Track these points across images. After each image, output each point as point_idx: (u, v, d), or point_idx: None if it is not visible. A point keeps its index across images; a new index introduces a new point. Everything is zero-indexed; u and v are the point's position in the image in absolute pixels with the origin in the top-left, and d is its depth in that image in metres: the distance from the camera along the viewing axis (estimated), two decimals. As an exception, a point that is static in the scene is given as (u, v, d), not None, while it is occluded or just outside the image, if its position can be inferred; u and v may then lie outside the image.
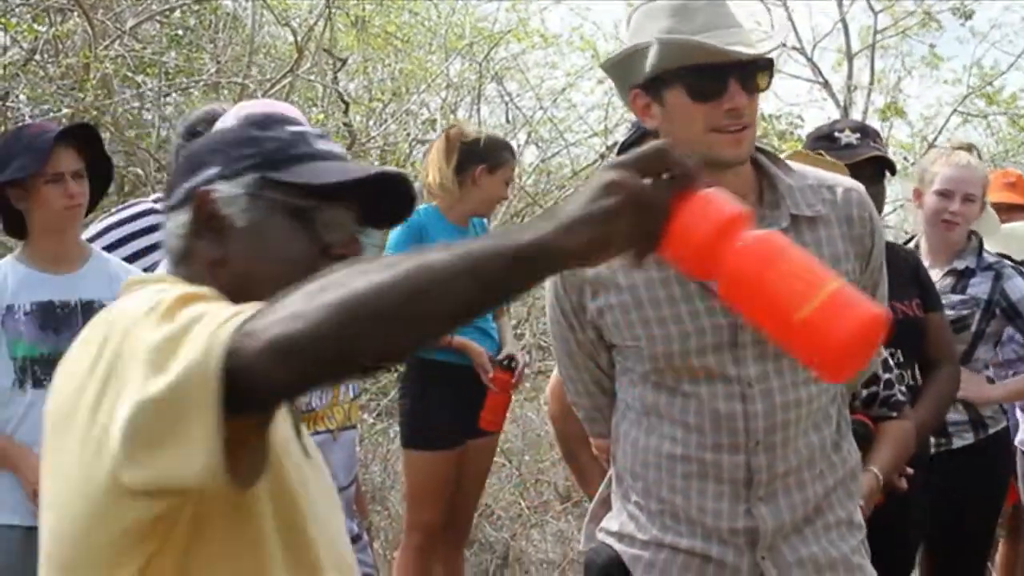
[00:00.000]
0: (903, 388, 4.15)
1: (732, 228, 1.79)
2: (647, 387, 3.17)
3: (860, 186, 3.25)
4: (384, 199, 2.14)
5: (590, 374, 3.34)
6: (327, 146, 2.15)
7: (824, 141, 4.81)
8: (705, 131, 3.01)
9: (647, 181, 1.75)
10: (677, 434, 3.13)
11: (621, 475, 3.27)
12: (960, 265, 5.18)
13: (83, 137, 4.65)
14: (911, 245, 5.34)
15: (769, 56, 3.04)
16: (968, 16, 15.45)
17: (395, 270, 1.63)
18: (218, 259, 2.05)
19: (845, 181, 3.25)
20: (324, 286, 1.65)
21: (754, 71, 3.01)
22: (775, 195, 3.13)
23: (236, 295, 1.93)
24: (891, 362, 4.17)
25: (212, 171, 2.08)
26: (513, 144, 11.76)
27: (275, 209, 2.04)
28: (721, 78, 2.98)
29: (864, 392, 4.06)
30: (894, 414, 4.09)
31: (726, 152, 3.02)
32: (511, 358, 6.20)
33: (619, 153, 4.18)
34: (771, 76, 3.06)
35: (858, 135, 4.83)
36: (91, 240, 4.81)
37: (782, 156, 3.35)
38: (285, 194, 2.04)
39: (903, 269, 4.65)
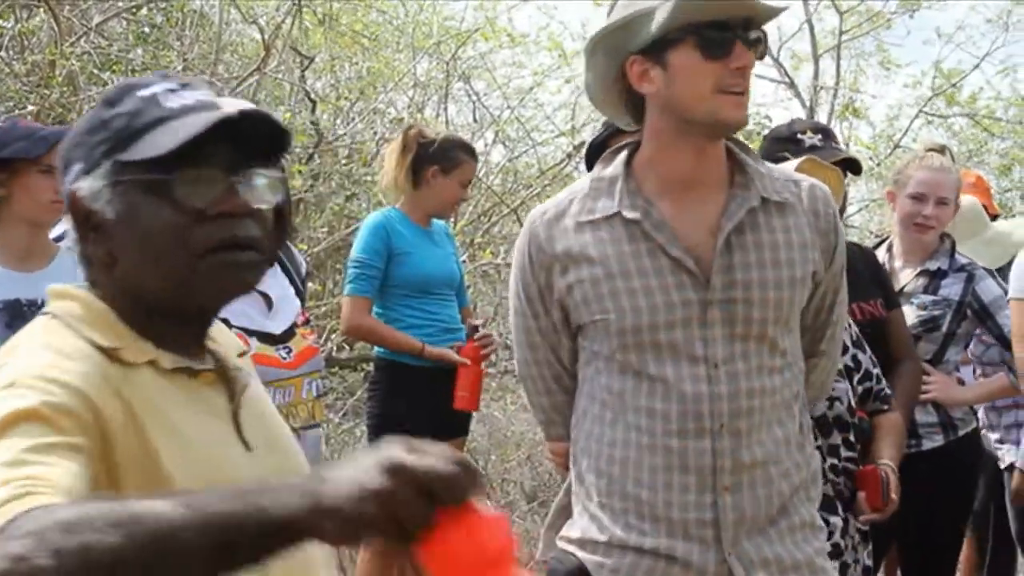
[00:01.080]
0: (885, 382, 4.20)
1: (501, 563, 1.61)
2: (613, 373, 3.17)
3: (824, 185, 3.28)
4: (256, 136, 1.99)
5: (551, 369, 3.33)
6: (182, 100, 1.99)
7: (788, 143, 4.79)
8: (713, 91, 3.01)
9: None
10: (642, 422, 3.13)
11: (582, 475, 3.26)
12: (932, 266, 5.20)
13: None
14: (883, 246, 5.36)
15: (773, 13, 3.04)
16: (913, 10, 15.55)
17: (134, 539, 1.46)
18: (106, 259, 1.98)
19: (810, 179, 3.27)
20: (75, 525, 1.47)
21: (757, 35, 3.03)
22: (745, 177, 3.15)
23: (134, 292, 1.94)
24: (873, 357, 4.21)
25: (76, 168, 1.99)
26: (480, 143, 11.82)
27: (134, 191, 1.93)
28: (730, 37, 3.00)
29: (860, 388, 4.12)
30: (886, 407, 4.17)
31: (732, 114, 3.04)
32: (475, 328, 6.17)
33: (587, 153, 4.17)
34: (766, 44, 3.07)
35: (820, 136, 4.83)
36: (56, 240, 4.78)
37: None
38: (135, 172, 1.92)
39: (864, 269, 4.69)
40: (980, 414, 5.76)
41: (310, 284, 8.39)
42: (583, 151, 5.73)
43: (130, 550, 1.47)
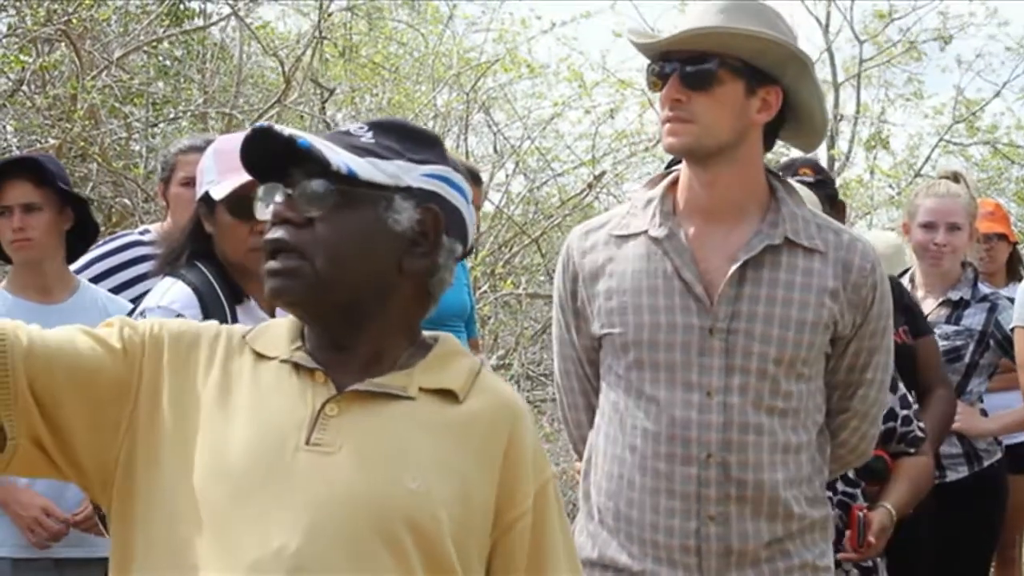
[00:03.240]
0: (921, 425, 4.12)
1: None
2: (619, 390, 3.23)
3: (870, 241, 3.28)
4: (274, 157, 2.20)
5: (579, 382, 3.41)
6: None
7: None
8: (661, 120, 3.19)
9: None
10: (637, 442, 3.17)
11: (588, 491, 3.32)
12: (954, 296, 5.17)
13: (37, 169, 4.50)
14: (906, 276, 5.33)
15: (711, 53, 3.11)
16: (947, 41, 15.53)
17: None
18: None
19: (855, 232, 3.28)
20: None
21: (692, 68, 3.11)
22: (777, 216, 3.18)
23: None
24: (910, 398, 4.14)
25: None
26: (500, 174, 11.82)
27: None
28: (655, 70, 3.17)
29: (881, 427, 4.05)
30: (912, 450, 4.07)
31: (664, 140, 3.18)
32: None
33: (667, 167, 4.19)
34: (713, 77, 3.11)
35: (815, 175, 4.84)
36: (77, 272, 4.77)
37: None
38: None
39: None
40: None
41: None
42: (603, 180, 5.70)
43: None
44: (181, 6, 9.87)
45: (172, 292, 3.52)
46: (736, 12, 3.11)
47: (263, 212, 2.21)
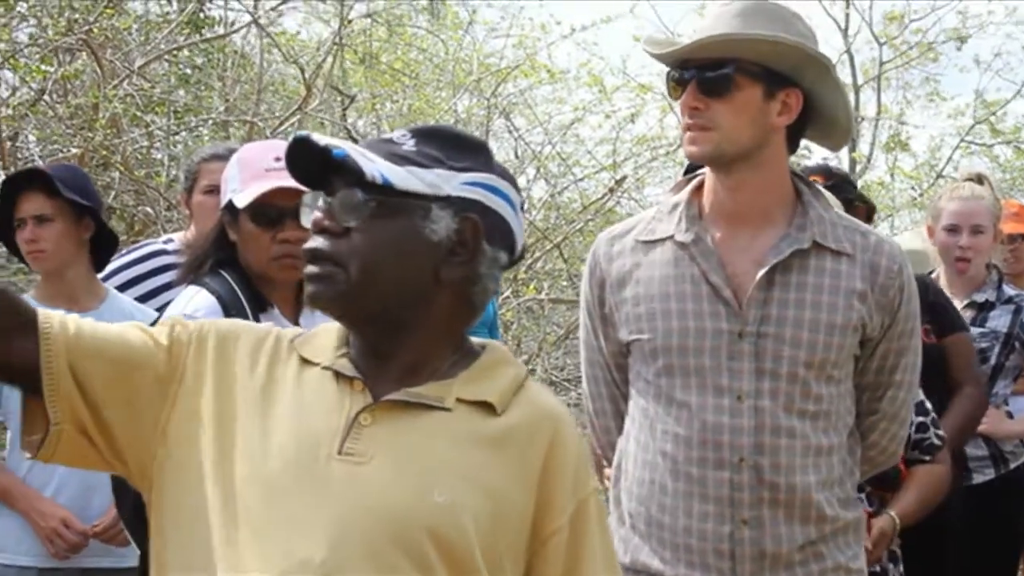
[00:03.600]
0: (939, 431, 4.08)
1: None
2: (649, 396, 3.22)
3: (897, 243, 3.28)
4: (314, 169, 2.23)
5: (607, 388, 3.40)
6: None
7: None
8: (681, 128, 3.19)
9: None
10: (668, 447, 3.17)
11: (619, 496, 3.32)
12: (979, 298, 5.16)
13: (49, 181, 4.51)
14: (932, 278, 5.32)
15: (727, 59, 3.11)
16: (963, 41, 15.50)
17: None
18: None
19: (881, 234, 3.28)
20: None
21: (709, 75, 3.11)
22: (804, 219, 3.18)
23: None
24: (927, 405, 4.11)
25: None
26: (522, 179, 11.82)
27: None
28: (676, 77, 3.17)
29: None
30: (927, 458, 4.04)
31: (686, 148, 3.19)
32: None
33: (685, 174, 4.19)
34: (730, 83, 3.11)
35: (830, 181, 4.84)
36: (102, 280, 4.78)
37: None
38: None
39: None
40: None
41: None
42: (625, 185, 5.70)
43: None
44: (201, 14, 9.87)
45: (196, 300, 3.52)
46: (752, 16, 3.11)
47: (307, 220, 2.22)
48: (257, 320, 3.47)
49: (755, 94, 3.11)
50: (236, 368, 2.22)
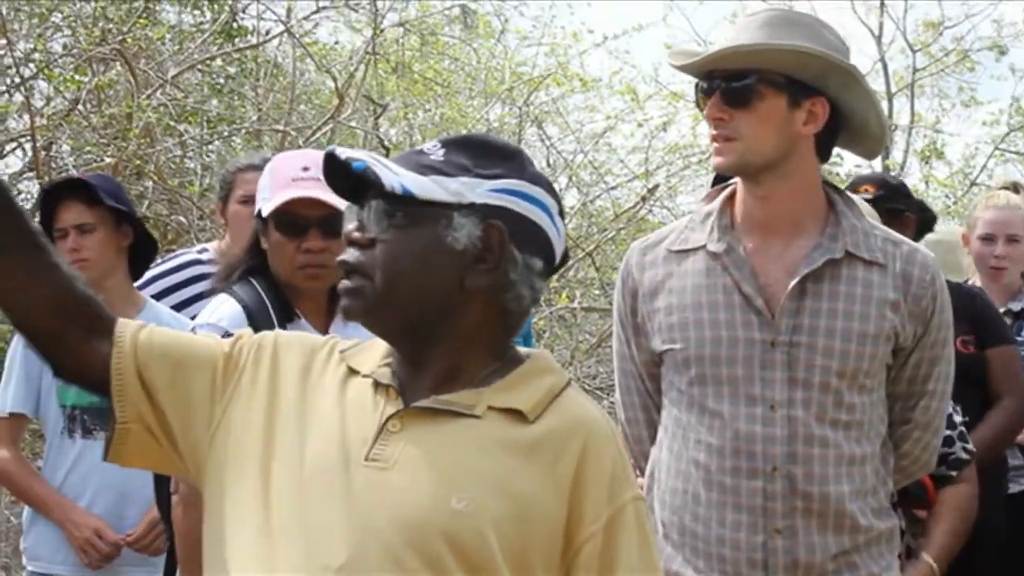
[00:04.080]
0: (967, 445, 4.04)
1: None
2: (682, 405, 3.22)
3: (930, 253, 3.26)
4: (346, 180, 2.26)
5: (640, 397, 3.40)
6: None
7: None
8: (709, 138, 3.20)
9: None
10: (701, 457, 3.17)
11: (651, 506, 3.30)
12: (1015, 306, 5.14)
13: (89, 189, 4.56)
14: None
15: (750, 70, 3.12)
16: (1003, 52, 15.45)
17: None
18: None
19: (913, 243, 3.27)
20: None
21: (732, 86, 3.12)
22: (837, 229, 3.18)
23: None
24: (956, 418, 4.05)
25: None
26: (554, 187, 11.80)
27: None
28: (708, 88, 3.16)
29: None
30: (953, 473, 3.99)
31: (713, 159, 3.20)
32: None
33: (714, 184, 4.18)
34: (752, 93, 3.12)
35: (878, 191, 4.82)
36: (138, 289, 4.79)
37: None
38: None
39: (955, 306, 4.59)
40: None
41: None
42: (657, 193, 5.70)
43: None
44: (234, 24, 9.91)
45: (221, 310, 3.57)
46: (777, 26, 3.13)
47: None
48: (284, 326, 3.48)
49: (779, 104, 3.11)
50: (287, 377, 2.28)
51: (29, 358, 4.52)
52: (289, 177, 3.60)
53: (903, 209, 4.88)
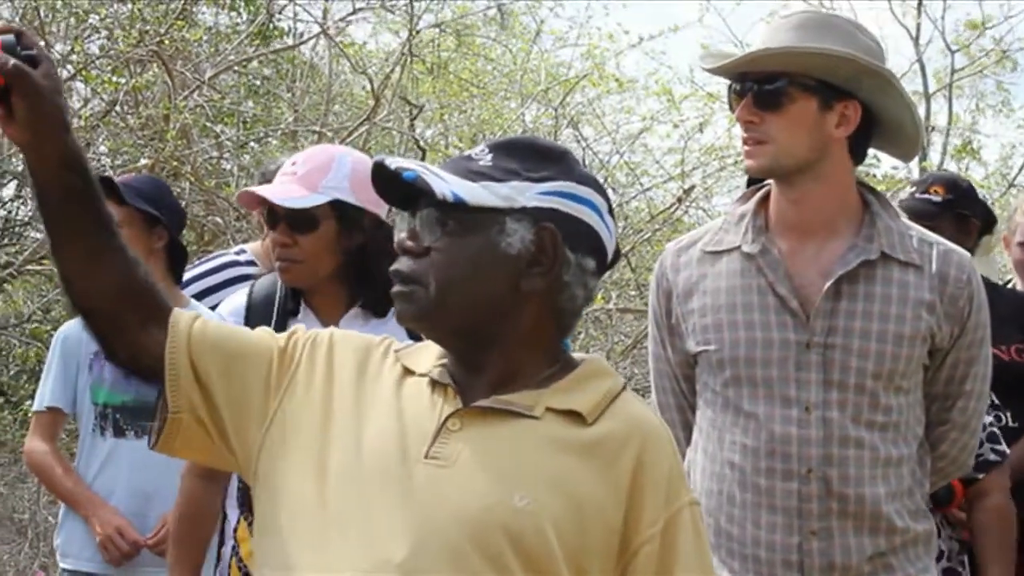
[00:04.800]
0: (998, 447, 4.01)
1: None
2: (716, 407, 3.22)
3: (966, 253, 3.25)
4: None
5: (675, 398, 3.40)
6: None
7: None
8: (741, 141, 3.20)
9: None
10: (735, 458, 3.17)
11: None
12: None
13: (117, 188, 4.56)
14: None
15: (780, 73, 3.11)
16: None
17: None
18: None
19: (948, 243, 3.25)
20: None
21: (763, 88, 3.12)
22: (872, 230, 3.17)
23: None
24: (986, 419, 4.01)
25: None
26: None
27: None
28: (740, 91, 3.17)
29: None
30: (980, 476, 3.97)
31: (744, 162, 3.19)
32: None
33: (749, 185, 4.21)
34: (782, 96, 3.12)
35: (915, 188, 4.79)
36: (184, 286, 4.80)
37: None
38: None
39: (1005, 311, 4.54)
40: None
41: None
42: (693, 195, 5.69)
43: None
44: (271, 25, 9.93)
45: (230, 300, 3.76)
46: (810, 28, 3.13)
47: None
48: (284, 322, 3.53)
49: (810, 107, 3.11)
50: (343, 374, 2.30)
51: (67, 355, 4.55)
52: (281, 172, 3.64)
53: (969, 215, 4.84)
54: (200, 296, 4.87)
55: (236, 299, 3.71)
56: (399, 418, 2.22)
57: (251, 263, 4.89)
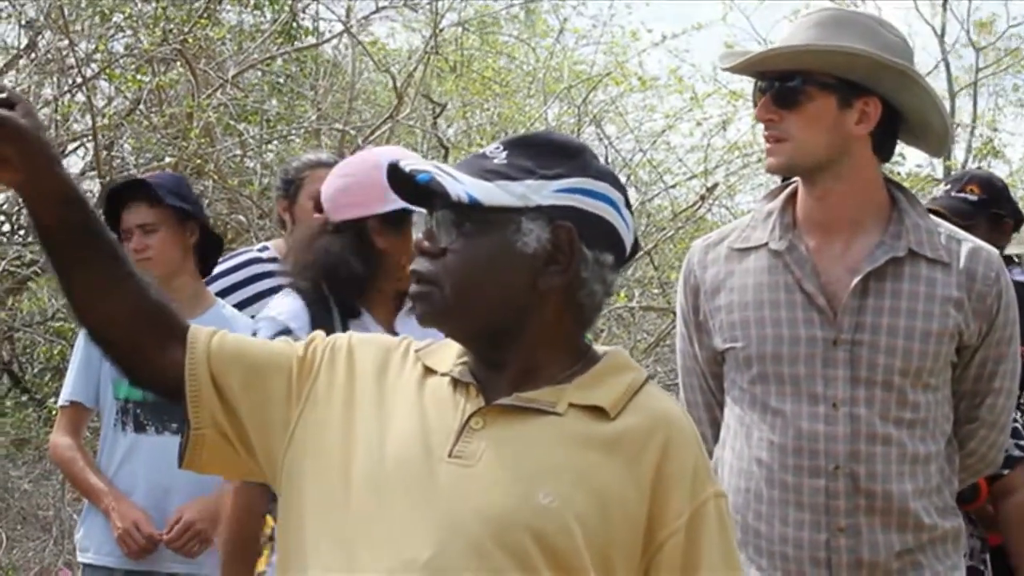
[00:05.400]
0: (1021, 442, 4.00)
1: None
2: (744, 403, 3.21)
3: (994, 250, 3.24)
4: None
5: (703, 396, 3.40)
6: None
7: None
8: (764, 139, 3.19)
9: None
10: (763, 455, 3.16)
11: None
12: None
13: (150, 189, 4.59)
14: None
15: (796, 71, 3.11)
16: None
17: None
18: None
19: (976, 240, 3.24)
20: None
21: (781, 86, 3.13)
22: (900, 227, 3.16)
23: None
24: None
25: None
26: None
27: None
28: (762, 88, 3.17)
29: None
30: (1005, 472, 3.96)
31: (765, 160, 3.19)
32: None
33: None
34: (800, 94, 3.12)
35: (947, 185, 4.78)
36: (209, 282, 4.81)
37: None
38: None
39: None
40: None
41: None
42: (716, 192, 5.69)
43: None
44: (294, 24, 9.94)
45: (283, 304, 3.63)
46: (829, 26, 3.13)
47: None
48: (345, 326, 3.50)
49: (829, 104, 3.10)
50: (364, 377, 2.29)
51: (90, 350, 4.56)
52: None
53: (1004, 215, 4.83)
54: (223, 293, 4.88)
55: (290, 303, 3.64)
56: (421, 418, 2.22)
57: (274, 260, 4.90)
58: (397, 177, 2.25)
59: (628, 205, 2.30)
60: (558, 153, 2.25)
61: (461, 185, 2.17)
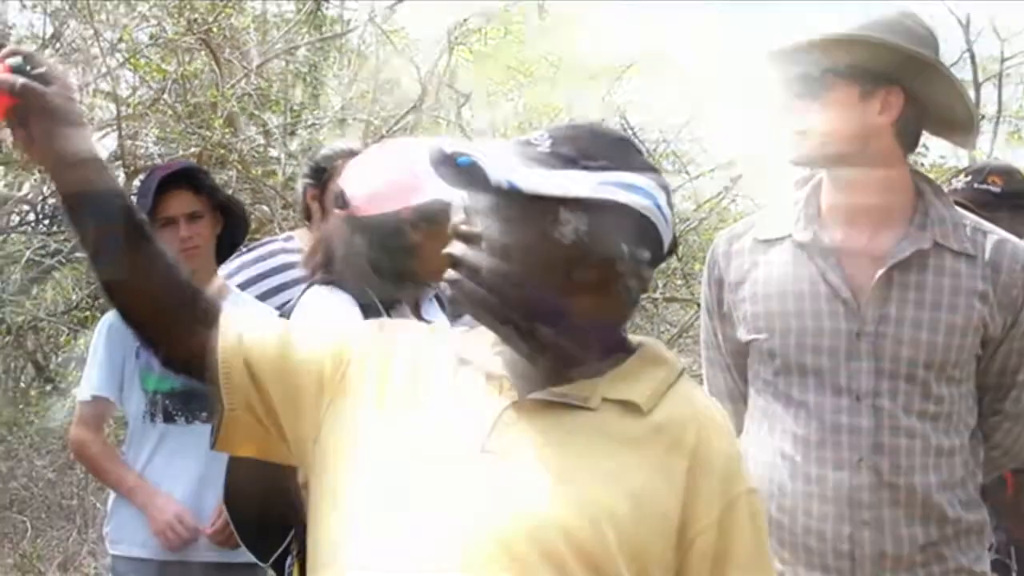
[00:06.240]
0: None
1: None
2: (768, 395, 3.21)
3: (1020, 242, 3.22)
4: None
5: (727, 388, 3.39)
6: None
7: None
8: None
9: None
10: (786, 447, 3.16)
11: None
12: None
13: (196, 178, 4.62)
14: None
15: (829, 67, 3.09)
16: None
17: None
18: None
19: (1002, 232, 3.22)
20: None
21: (816, 77, 3.10)
22: (926, 219, 3.14)
23: None
24: None
25: None
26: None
27: None
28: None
29: None
30: None
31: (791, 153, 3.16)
32: None
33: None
34: (821, 85, 3.09)
35: (967, 177, 4.76)
36: (225, 279, 4.81)
37: None
38: None
39: None
40: None
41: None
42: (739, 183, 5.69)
43: None
44: (319, 13, 9.94)
45: (331, 298, 3.60)
46: (852, 15, 3.09)
47: None
48: (388, 315, 3.50)
49: (850, 94, 3.08)
50: (397, 367, 2.28)
51: (112, 343, 4.56)
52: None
53: None
54: (248, 283, 4.88)
55: (337, 295, 3.62)
56: (453, 412, 2.20)
57: (299, 251, 4.89)
58: (441, 159, 2.22)
59: (669, 202, 2.27)
60: (602, 145, 2.23)
61: (502, 171, 2.15)
